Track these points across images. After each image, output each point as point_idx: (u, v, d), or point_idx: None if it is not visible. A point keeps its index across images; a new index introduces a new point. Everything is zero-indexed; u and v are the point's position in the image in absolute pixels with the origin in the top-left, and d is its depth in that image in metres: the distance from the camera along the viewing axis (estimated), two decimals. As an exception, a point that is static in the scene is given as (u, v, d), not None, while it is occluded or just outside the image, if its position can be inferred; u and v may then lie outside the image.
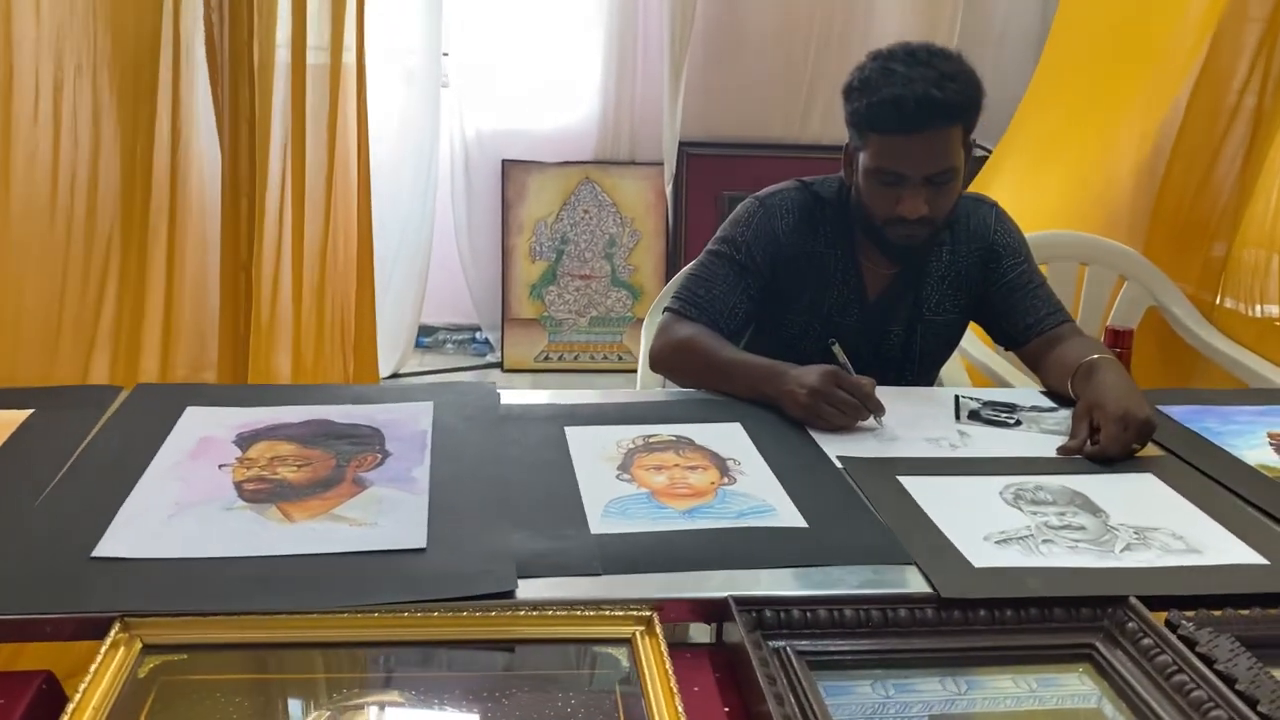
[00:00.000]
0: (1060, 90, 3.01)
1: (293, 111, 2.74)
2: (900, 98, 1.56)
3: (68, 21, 1.85)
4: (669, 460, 1.38)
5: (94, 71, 1.86)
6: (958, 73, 1.61)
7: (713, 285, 1.77)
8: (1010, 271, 1.81)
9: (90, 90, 1.87)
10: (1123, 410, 1.45)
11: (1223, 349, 2.44)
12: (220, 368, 2.27)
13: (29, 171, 1.84)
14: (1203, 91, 2.57)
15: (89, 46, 1.85)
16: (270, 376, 2.85)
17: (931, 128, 1.59)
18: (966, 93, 1.61)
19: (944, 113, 1.59)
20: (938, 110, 1.58)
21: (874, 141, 1.62)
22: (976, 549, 1.19)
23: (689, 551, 1.15)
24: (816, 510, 1.26)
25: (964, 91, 1.60)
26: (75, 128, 1.87)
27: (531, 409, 1.53)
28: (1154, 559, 1.19)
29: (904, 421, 1.56)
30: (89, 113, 1.90)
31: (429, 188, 3.93)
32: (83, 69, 1.84)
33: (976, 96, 1.63)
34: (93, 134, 1.90)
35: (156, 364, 2.12)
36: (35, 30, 1.81)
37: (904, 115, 1.57)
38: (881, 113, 1.59)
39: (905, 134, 1.59)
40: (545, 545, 1.14)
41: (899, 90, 1.57)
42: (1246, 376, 2.36)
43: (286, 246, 2.82)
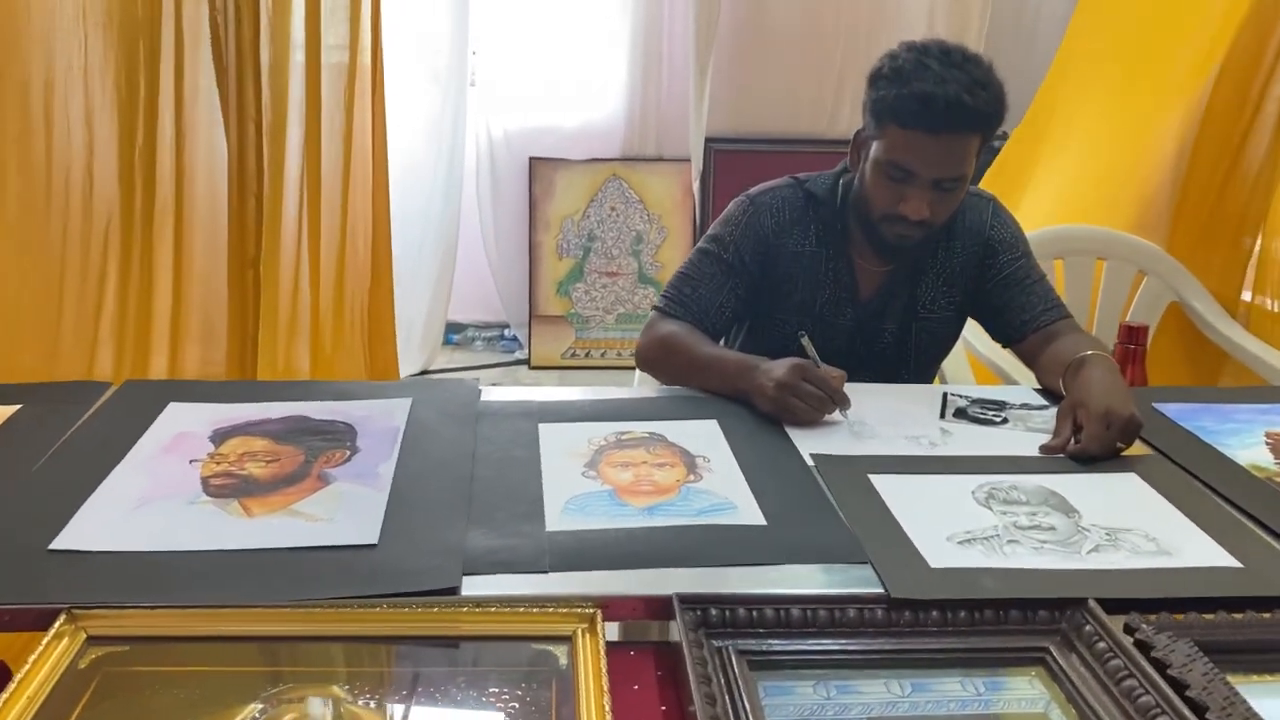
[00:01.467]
0: (1079, 80, 2.94)
1: (308, 111, 2.78)
2: (931, 95, 1.54)
3: (62, 19, 1.88)
4: (637, 457, 1.38)
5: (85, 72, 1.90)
6: (989, 82, 1.58)
7: (699, 284, 1.77)
8: (1007, 267, 1.78)
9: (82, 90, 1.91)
10: (1105, 408, 1.42)
11: (1248, 347, 2.38)
12: (229, 364, 2.31)
13: (24, 169, 1.88)
14: (1228, 81, 2.50)
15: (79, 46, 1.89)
16: (289, 373, 2.89)
17: (954, 131, 1.57)
18: (993, 105, 1.59)
19: (970, 120, 1.56)
20: (965, 116, 1.55)
21: (892, 134, 1.60)
22: (937, 549, 1.17)
23: (642, 549, 1.15)
24: (778, 508, 1.25)
25: (992, 103, 1.58)
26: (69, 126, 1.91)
27: (509, 405, 1.53)
28: (1121, 560, 1.16)
29: (887, 419, 1.54)
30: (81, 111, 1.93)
31: (455, 186, 3.96)
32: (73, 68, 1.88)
33: (1001, 111, 1.61)
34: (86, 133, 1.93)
35: (165, 361, 2.17)
36: (29, 27, 1.85)
37: (932, 114, 1.55)
38: (909, 106, 1.56)
39: (927, 132, 1.56)
40: (498, 542, 1.14)
41: (931, 88, 1.54)
42: (1273, 376, 2.29)
43: (304, 244, 2.85)
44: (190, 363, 2.21)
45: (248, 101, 2.18)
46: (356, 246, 3.23)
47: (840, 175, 1.80)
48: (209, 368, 2.27)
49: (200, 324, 2.22)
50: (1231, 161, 2.48)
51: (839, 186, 1.79)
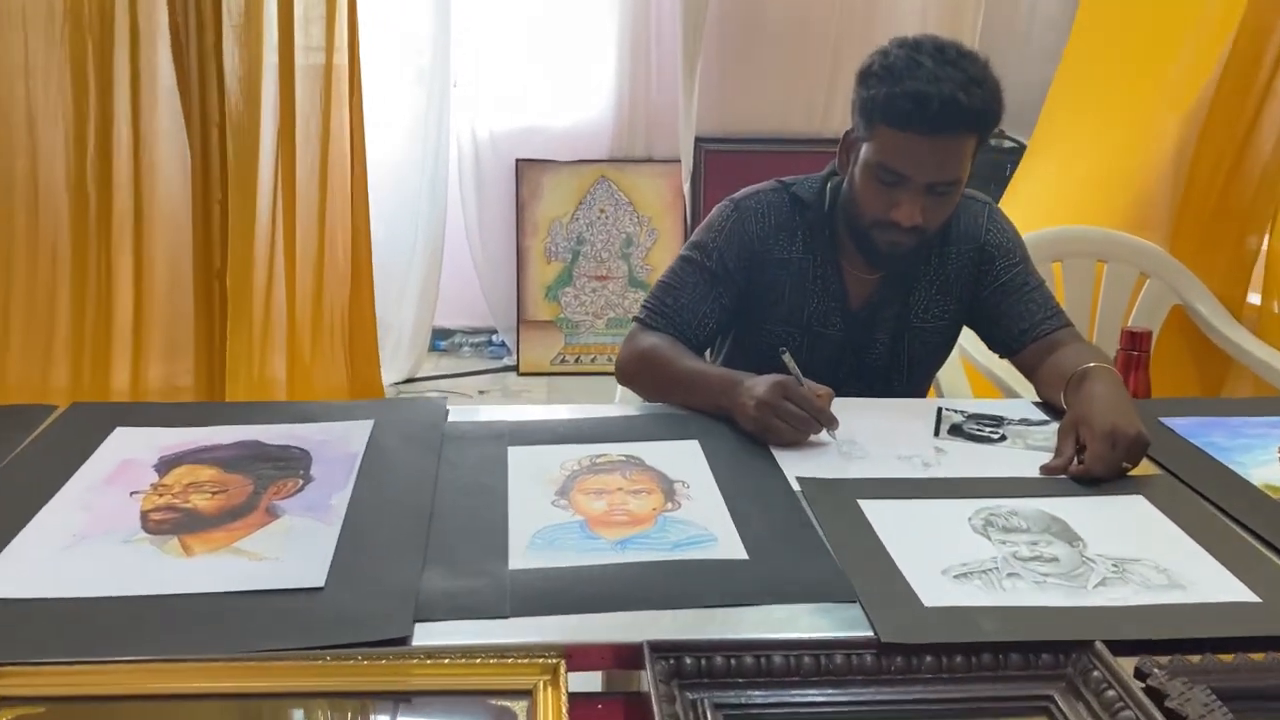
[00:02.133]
0: (1086, 81, 2.87)
1: (281, 114, 2.69)
2: (924, 95, 1.45)
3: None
4: (612, 483, 1.29)
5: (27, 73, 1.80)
6: (985, 79, 1.50)
7: (681, 294, 1.68)
8: (1004, 273, 1.69)
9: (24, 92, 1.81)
10: (1110, 426, 1.33)
11: (1256, 352, 2.29)
12: (198, 380, 2.22)
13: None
14: (1231, 77, 2.41)
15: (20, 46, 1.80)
16: (265, 385, 2.81)
17: (949, 133, 1.48)
18: (990, 104, 1.50)
19: (965, 120, 1.48)
20: (960, 116, 1.46)
21: (883, 135, 1.51)
22: (931, 585, 1.08)
23: (613, 589, 1.06)
24: (761, 540, 1.16)
25: (988, 102, 1.49)
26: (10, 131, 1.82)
27: (478, 427, 1.45)
28: (1129, 596, 1.08)
29: (877, 437, 1.46)
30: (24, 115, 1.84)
31: (440, 188, 3.87)
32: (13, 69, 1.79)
33: (998, 110, 1.52)
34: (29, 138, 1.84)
35: (127, 378, 2.08)
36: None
37: (925, 114, 1.46)
38: (901, 106, 1.47)
39: (920, 134, 1.47)
40: (456, 584, 1.06)
41: (924, 86, 1.45)
42: (1278, 381, 2.21)
43: (279, 252, 2.77)
44: (154, 379, 2.12)
45: (211, 104, 2.09)
46: (335, 253, 3.15)
47: (829, 178, 1.71)
48: (175, 383, 2.18)
49: (164, 338, 2.13)
50: (1235, 158, 2.40)
51: (827, 190, 1.70)
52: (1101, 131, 2.72)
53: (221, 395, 2.21)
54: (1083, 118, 2.83)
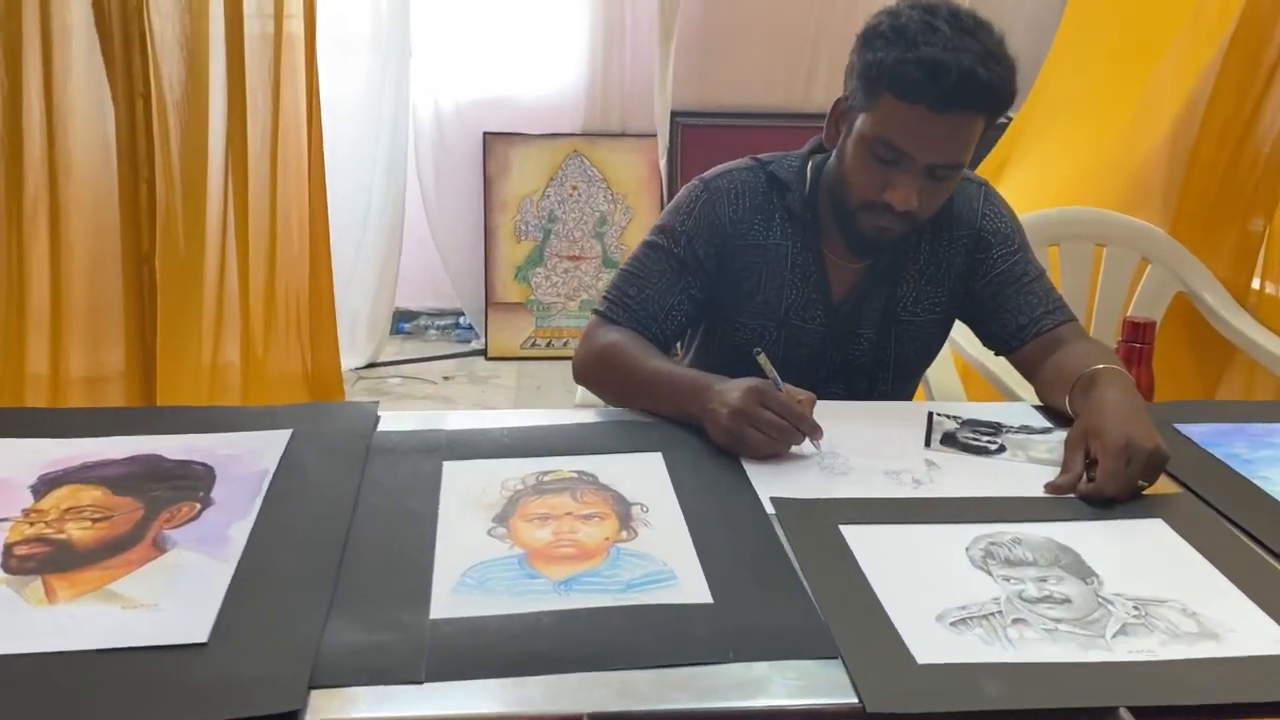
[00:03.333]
0: (1084, 54, 2.71)
1: (230, 86, 2.51)
2: (941, 64, 1.28)
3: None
4: (560, 507, 1.13)
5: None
6: (1003, 55, 1.33)
7: (645, 284, 1.51)
8: (1001, 262, 1.53)
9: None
10: (1125, 438, 1.18)
11: (1261, 342, 2.15)
12: (129, 369, 2.04)
13: None
14: (1236, 53, 2.25)
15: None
16: (218, 373, 2.63)
17: (961, 110, 1.32)
18: (1006, 82, 1.34)
19: (981, 97, 1.31)
20: (977, 92, 1.30)
21: (886, 105, 1.34)
22: (926, 635, 0.93)
23: (552, 644, 0.90)
24: (728, 578, 1.00)
25: (1005, 78, 1.33)
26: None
27: (412, 438, 1.28)
28: (1156, 648, 0.92)
29: (862, 447, 1.30)
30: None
31: (400, 163, 3.68)
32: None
33: (1012, 91, 1.36)
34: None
35: (45, 370, 1.90)
36: None
37: (939, 86, 1.29)
38: (911, 75, 1.30)
39: (930, 108, 1.31)
40: (364, 638, 0.89)
41: (941, 55, 1.29)
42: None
43: (230, 233, 2.59)
44: (76, 370, 1.95)
45: (136, 75, 1.90)
46: (290, 234, 2.96)
47: (811, 155, 1.55)
48: (100, 374, 2.00)
49: (88, 327, 1.95)
50: (1242, 134, 2.24)
51: (808, 169, 1.53)
52: (1098, 109, 2.56)
53: (153, 387, 2.03)
54: (1078, 94, 2.67)
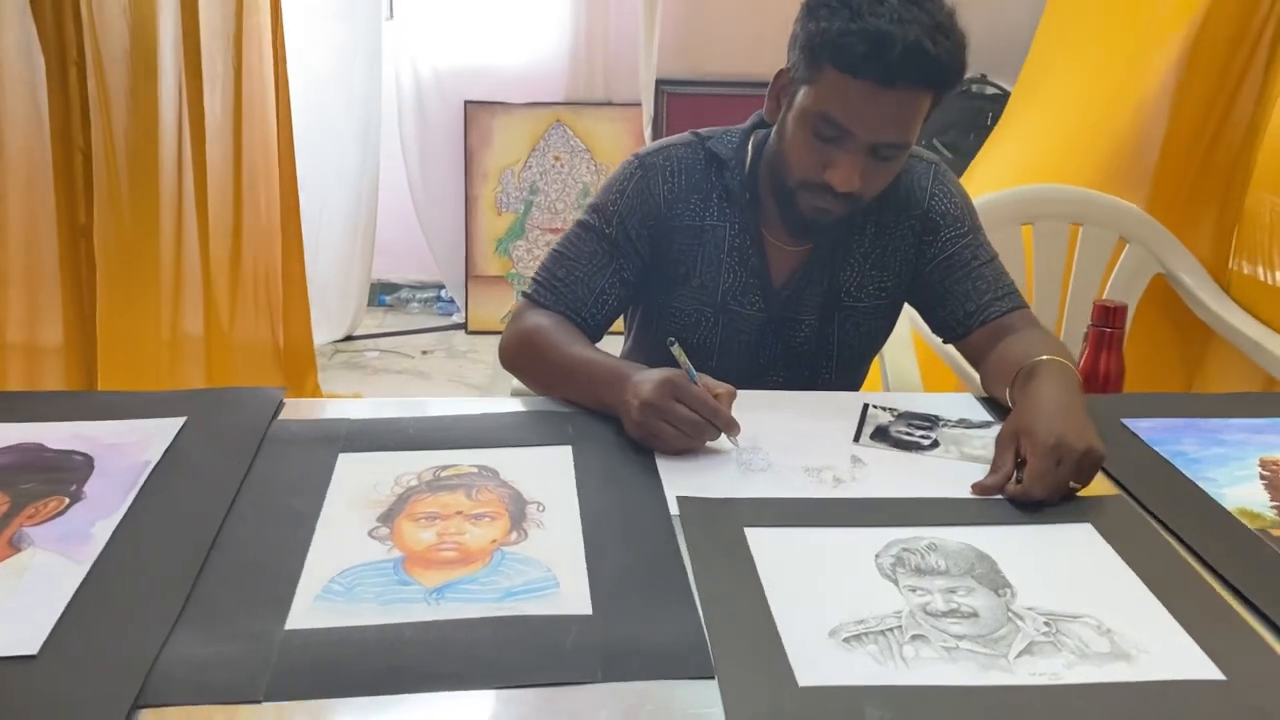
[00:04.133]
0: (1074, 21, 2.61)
1: (185, 48, 2.44)
2: (886, 36, 1.21)
3: None
4: (452, 506, 1.07)
5: None
6: (952, 29, 1.26)
7: (575, 265, 1.45)
8: (950, 245, 1.46)
9: None
10: (1056, 438, 1.11)
11: (1239, 326, 2.07)
12: (68, 344, 1.98)
13: None
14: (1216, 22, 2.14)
15: None
16: (177, 346, 2.58)
17: (907, 85, 1.24)
18: (955, 58, 1.26)
19: (928, 73, 1.24)
20: (923, 67, 1.23)
21: (829, 79, 1.27)
22: (814, 653, 0.87)
23: (410, 661, 0.84)
24: (613, 586, 0.94)
25: (954, 54, 1.26)
26: None
27: (312, 427, 1.22)
28: (1060, 671, 0.86)
29: (786, 442, 1.23)
30: None
31: (372, 132, 3.60)
32: None
33: (962, 67, 1.28)
34: None
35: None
36: None
37: (884, 59, 1.21)
38: (856, 47, 1.23)
39: (874, 83, 1.23)
40: (208, 650, 0.83)
41: (888, 26, 1.21)
42: (1267, 362, 1.99)
43: (188, 205, 2.53)
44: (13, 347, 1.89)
45: (68, 41, 1.83)
46: (257, 204, 2.90)
47: (752, 131, 1.47)
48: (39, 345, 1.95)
49: (23, 302, 1.90)
50: (1224, 109, 2.14)
51: (750, 145, 1.46)
52: (1087, 79, 2.47)
53: (94, 363, 1.98)
54: (1068, 63, 2.57)
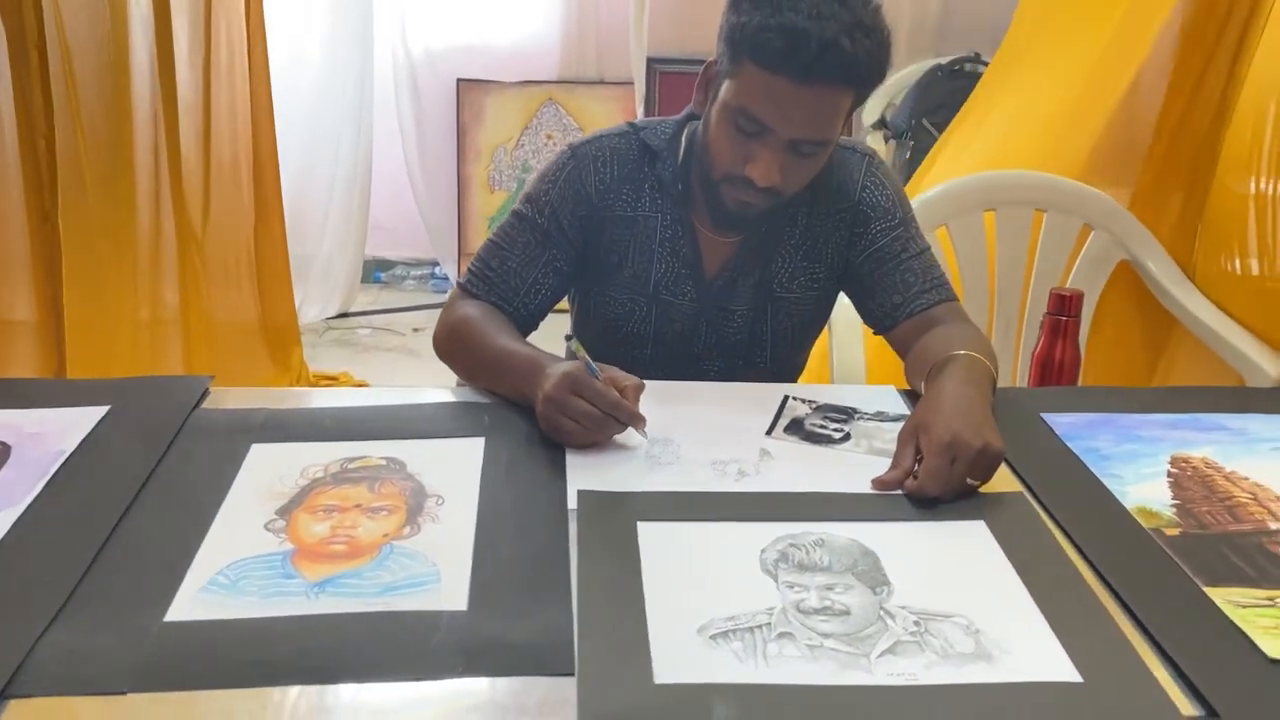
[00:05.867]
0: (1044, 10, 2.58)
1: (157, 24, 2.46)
2: (802, 32, 1.21)
3: None
4: (352, 498, 1.09)
5: None
6: (874, 27, 1.25)
7: (508, 256, 1.46)
8: (880, 238, 1.46)
9: None
10: (951, 435, 1.12)
11: (1201, 315, 2.05)
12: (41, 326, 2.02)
13: None
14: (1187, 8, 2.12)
15: None
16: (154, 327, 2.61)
17: (823, 82, 1.24)
18: (876, 56, 1.26)
19: (845, 70, 1.24)
20: (840, 64, 1.23)
21: (748, 74, 1.27)
22: (677, 650, 0.88)
23: (281, 654, 0.86)
24: (493, 581, 0.96)
25: (875, 53, 1.25)
26: None
27: (231, 417, 1.24)
28: (919, 670, 0.87)
29: (699, 435, 1.25)
30: None
31: (365, 109, 3.62)
32: None
33: (883, 65, 1.28)
34: None
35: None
36: None
37: (799, 56, 1.22)
38: (772, 42, 1.23)
39: (791, 79, 1.24)
40: (84, 642, 0.86)
41: (804, 23, 1.21)
42: (1225, 351, 1.98)
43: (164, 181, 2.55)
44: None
45: (29, 25, 1.85)
46: (239, 180, 2.93)
47: (686, 122, 1.48)
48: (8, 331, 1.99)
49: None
50: (1191, 94, 2.11)
51: (683, 137, 1.47)
52: (1060, 64, 2.44)
53: (61, 347, 2.02)
54: (1042, 47, 2.54)
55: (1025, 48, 2.64)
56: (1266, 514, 1.12)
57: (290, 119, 3.11)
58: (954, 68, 3.54)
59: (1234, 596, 0.98)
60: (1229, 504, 1.14)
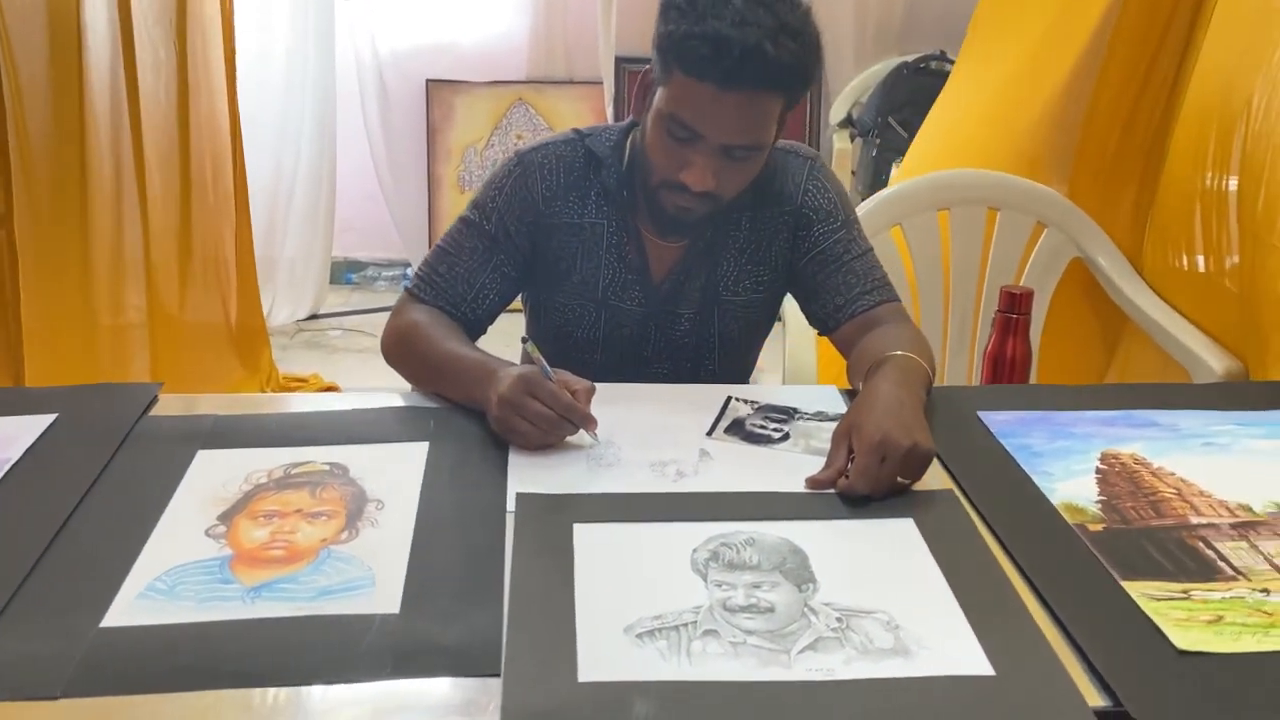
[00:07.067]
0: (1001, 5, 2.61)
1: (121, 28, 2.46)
2: (725, 40, 1.24)
3: None
4: (293, 504, 1.11)
5: None
6: (800, 30, 1.27)
7: (456, 261, 1.48)
8: (823, 240, 1.49)
9: None
10: (881, 435, 1.14)
11: (1148, 310, 2.08)
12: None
13: None
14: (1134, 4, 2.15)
15: None
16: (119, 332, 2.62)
17: (749, 88, 1.27)
18: (803, 59, 1.28)
19: (769, 75, 1.26)
20: (763, 70, 1.25)
21: (678, 81, 1.30)
22: (604, 648, 0.91)
23: (215, 659, 0.88)
24: (428, 584, 0.98)
25: (800, 56, 1.27)
26: None
27: (179, 423, 1.26)
28: (836, 666, 0.90)
29: (641, 436, 1.27)
30: None
31: (328, 110, 3.63)
32: None
33: (812, 67, 1.30)
34: None
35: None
36: None
37: (722, 62, 1.24)
38: (696, 50, 1.26)
39: (716, 85, 1.26)
40: (22, 648, 0.88)
41: (727, 30, 1.24)
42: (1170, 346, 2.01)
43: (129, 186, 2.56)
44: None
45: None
46: (205, 185, 2.94)
47: (631, 129, 1.50)
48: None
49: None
50: (1140, 87, 2.14)
51: (627, 144, 1.49)
52: (1013, 58, 2.47)
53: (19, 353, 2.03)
54: (999, 43, 2.57)
55: (980, 42, 2.67)
56: (1189, 509, 1.15)
57: (254, 120, 3.11)
58: (919, 65, 3.57)
59: (1149, 590, 1.01)
60: (1153, 499, 1.17)
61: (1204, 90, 2.02)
